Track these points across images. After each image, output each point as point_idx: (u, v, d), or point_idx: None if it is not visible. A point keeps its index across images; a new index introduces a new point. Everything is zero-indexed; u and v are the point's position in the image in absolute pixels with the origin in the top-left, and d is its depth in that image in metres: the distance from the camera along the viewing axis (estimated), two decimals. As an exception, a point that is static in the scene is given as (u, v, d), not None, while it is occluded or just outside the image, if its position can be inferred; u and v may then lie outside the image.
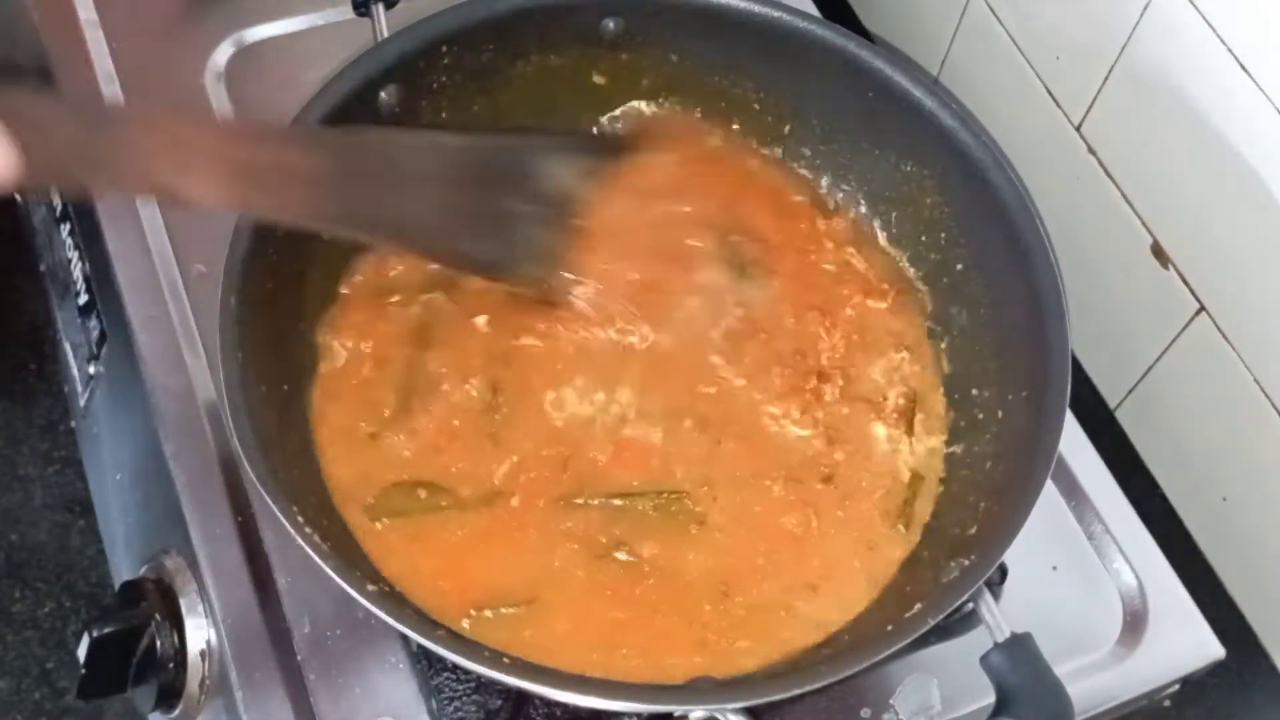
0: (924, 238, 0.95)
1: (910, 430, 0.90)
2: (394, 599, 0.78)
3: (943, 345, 0.94)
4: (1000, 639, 0.76)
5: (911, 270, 0.96)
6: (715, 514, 0.86)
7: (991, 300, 0.91)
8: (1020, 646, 0.76)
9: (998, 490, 0.83)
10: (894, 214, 0.97)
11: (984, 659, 0.76)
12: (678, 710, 0.72)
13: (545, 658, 0.77)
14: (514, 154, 0.89)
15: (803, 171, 1.00)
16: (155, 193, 0.73)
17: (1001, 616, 0.77)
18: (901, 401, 0.91)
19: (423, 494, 0.84)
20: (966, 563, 0.78)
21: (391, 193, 0.81)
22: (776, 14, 0.93)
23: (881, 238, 0.98)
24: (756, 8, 0.93)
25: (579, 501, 0.85)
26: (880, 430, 0.90)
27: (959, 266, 0.93)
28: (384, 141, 0.87)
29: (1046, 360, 0.83)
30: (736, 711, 0.72)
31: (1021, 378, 0.85)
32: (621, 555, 0.83)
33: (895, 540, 0.86)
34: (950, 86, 1.13)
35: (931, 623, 0.74)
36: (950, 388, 0.92)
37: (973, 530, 0.82)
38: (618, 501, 0.85)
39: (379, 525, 0.83)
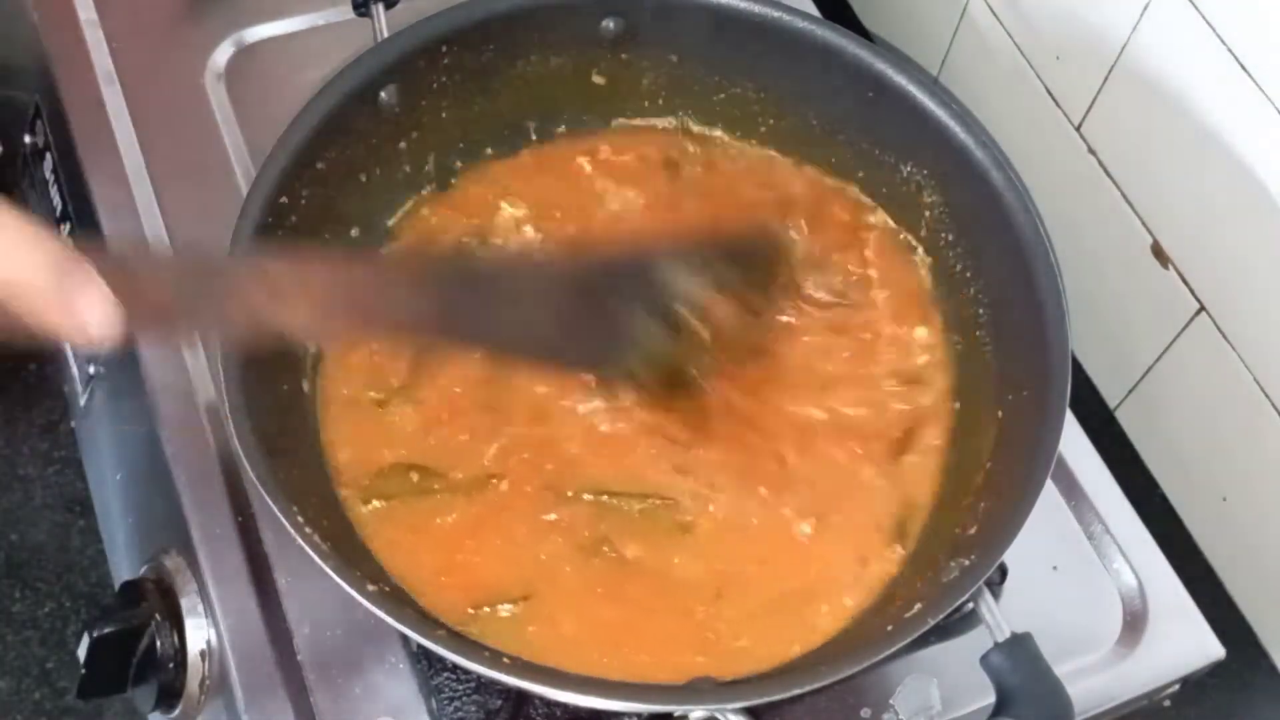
0: (924, 238, 0.95)
1: (900, 454, 0.89)
2: (394, 599, 0.78)
3: (943, 345, 0.94)
4: (1000, 639, 0.76)
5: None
6: (705, 523, 0.85)
7: (991, 300, 0.90)
8: (1020, 646, 0.76)
9: (998, 490, 0.83)
10: (894, 214, 0.97)
11: (984, 659, 0.76)
12: (678, 710, 0.72)
13: (552, 658, 0.77)
14: (630, 265, 0.86)
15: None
16: (257, 330, 0.73)
17: (1001, 616, 0.77)
18: (898, 434, 0.89)
19: (415, 477, 0.85)
20: (966, 563, 0.78)
21: (495, 312, 0.80)
22: (776, 14, 0.93)
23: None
24: (756, 8, 0.93)
25: (569, 494, 0.85)
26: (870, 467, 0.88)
27: (959, 266, 0.93)
28: (490, 267, 0.88)
29: (1046, 360, 0.82)
30: (736, 711, 0.72)
31: (1021, 378, 0.85)
32: (605, 552, 0.83)
33: (890, 557, 0.85)
34: (950, 86, 1.13)
35: (931, 623, 0.74)
36: (952, 388, 0.92)
37: (973, 530, 0.82)
38: (605, 498, 0.85)
39: (372, 507, 0.83)
